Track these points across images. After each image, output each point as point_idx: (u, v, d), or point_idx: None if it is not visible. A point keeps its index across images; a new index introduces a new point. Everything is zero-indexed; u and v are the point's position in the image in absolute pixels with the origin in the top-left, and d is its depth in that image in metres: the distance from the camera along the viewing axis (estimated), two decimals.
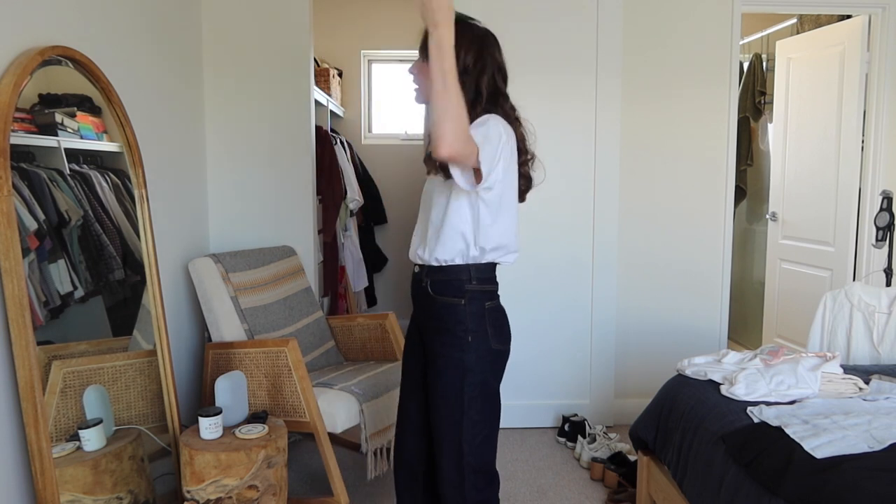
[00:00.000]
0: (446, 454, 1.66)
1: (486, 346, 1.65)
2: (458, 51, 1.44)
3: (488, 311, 1.67)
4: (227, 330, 2.48)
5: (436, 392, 1.67)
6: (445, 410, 1.65)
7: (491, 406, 1.70)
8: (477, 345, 1.63)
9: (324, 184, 3.59)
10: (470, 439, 1.64)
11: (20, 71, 1.58)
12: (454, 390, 1.63)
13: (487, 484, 1.72)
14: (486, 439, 1.68)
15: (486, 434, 1.68)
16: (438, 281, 1.67)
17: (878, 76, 3.32)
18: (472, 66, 1.56)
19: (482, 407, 1.66)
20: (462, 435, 1.64)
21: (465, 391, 1.63)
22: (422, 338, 1.75)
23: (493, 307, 1.69)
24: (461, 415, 1.63)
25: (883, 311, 2.44)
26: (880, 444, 1.57)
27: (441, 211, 1.63)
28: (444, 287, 1.66)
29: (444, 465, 1.67)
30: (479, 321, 1.65)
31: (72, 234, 1.82)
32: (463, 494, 1.66)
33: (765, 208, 4.27)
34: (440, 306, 1.66)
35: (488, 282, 1.68)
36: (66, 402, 1.76)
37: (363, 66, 4.88)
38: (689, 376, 2.16)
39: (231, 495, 1.88)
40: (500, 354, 1.70)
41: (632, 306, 3.26)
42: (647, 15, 3.13)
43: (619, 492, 2.54)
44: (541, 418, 3.24)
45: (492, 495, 1.75)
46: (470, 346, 1.63)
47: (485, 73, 1.58)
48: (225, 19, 2.96)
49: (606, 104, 3.08)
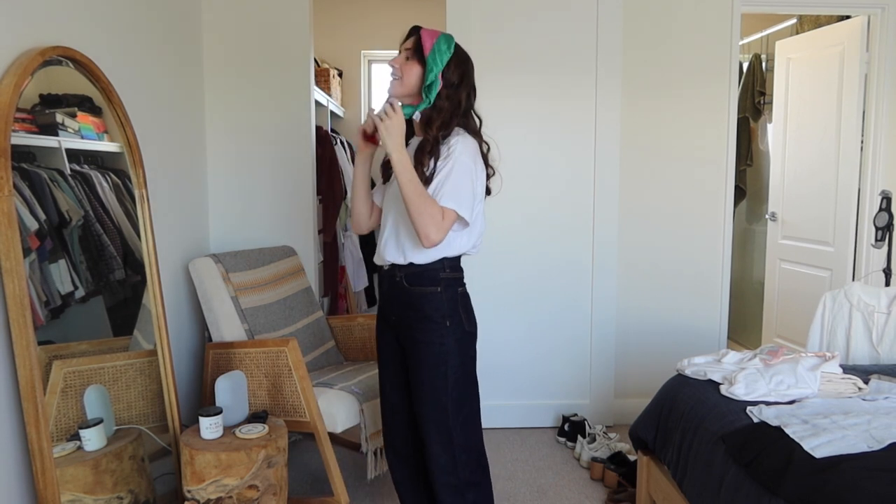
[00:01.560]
0: (435, 438, 1.76)
1: (461, 329, 1.78)
2: (447, 68, 1.72)
3: (460, 296, 1.80)
4: (227, 330, 2.49)
5: (420, 379, 1.76)
6: (431, 395, 1.75)
7: (471, 386, 1.82)
8: (454, 329, 1.76)
9: (324, 184, 3.59)
10: (455, 420, 1.75)
11: (21, 71, 1.58)
12: (439, 374, 1.74)
13: (478, 466, 1.83)
14: (470, 418, 1.80)
15: (469, 412, 1.80)
16: (413, 273, 1.77)
17: (877, 76, 3.32)
18: (457, 83, 1.75)
19: (464, 388, 1.78)
20: (449, 418, 1.75)
21: (448, 374, 1.74)
22: (396, 332, 1.84)
23: (463, 292, 1.82)
24: (446, 397, 1.74)
25: (882, 311, 2.44)
26: (880, 443, 1.57)
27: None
28: (419, 278, 1.77)
29: (434, 451, 1.76)
30: (454, 306, 1.77)
31: (72, 234, 1.82)
32: (457, 475, 1.77)
33: (764, 208, 4.27)
34: (417, 296, 1.76)
35: (458, 269, 1.82)
36: (67, 402, 1.76)
37: (363, 66, 4.88)
38: (689, 376, 2.16)
39: (231, 495, 1.88)
40: (473, 336, 1.83)
41: (632, 306, 3.27)
42: (646, 15, 3.13)
43: (619, 492, 2.54)
44: (541, 418, 3.24)
45: (483, 480, 1.82)
46: (448, 330, 1.74)
47: (464, 89, 1.77)
48: (225, 19, 2.97)
49: (606, 104, 3.08)
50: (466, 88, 1.77)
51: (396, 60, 1.76)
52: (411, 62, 1.73)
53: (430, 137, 1.71)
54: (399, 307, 1.81)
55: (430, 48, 1.71)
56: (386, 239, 1.81)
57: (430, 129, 1.72)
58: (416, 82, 1.74)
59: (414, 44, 1.73)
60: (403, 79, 1.74)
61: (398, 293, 1.80)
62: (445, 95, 1.72)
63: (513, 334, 3.21)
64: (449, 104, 1.73)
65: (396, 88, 1.76)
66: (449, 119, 1.73)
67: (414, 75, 1.73)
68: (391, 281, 1.81)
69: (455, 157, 1.69)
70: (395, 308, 1.83)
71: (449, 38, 1.76)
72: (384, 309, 1.88)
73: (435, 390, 1.74)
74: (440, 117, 1.72)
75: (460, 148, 1.70)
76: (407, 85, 1.75)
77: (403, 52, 1.76)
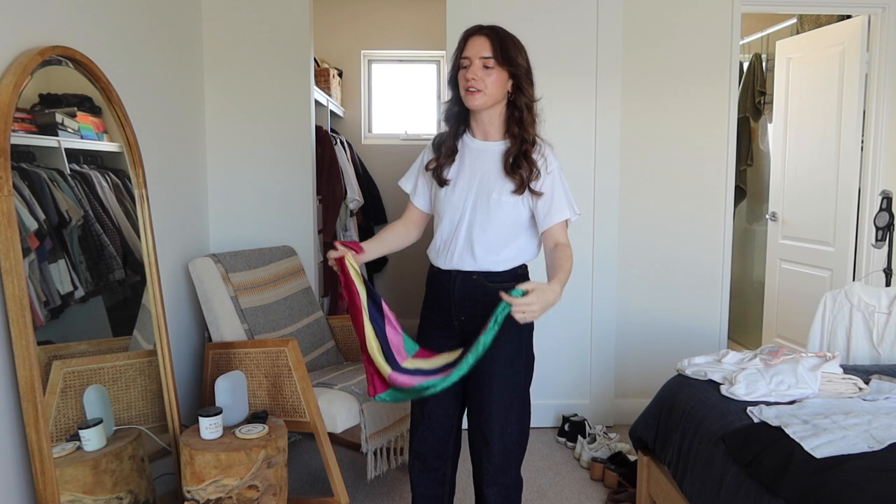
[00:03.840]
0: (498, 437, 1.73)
1: (529, 327, 1.76)
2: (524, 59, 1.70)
3: None
4: (227, 330, 2.48)
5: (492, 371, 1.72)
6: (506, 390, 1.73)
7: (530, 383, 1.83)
8: (526, 326, 1.73)
9: (324, 184, 3.59)
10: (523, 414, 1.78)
11: (20, 71, 1.58)
12: (515, 368, 1.74)
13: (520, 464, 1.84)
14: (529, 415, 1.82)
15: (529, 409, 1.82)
16: (492, 276, 1.74)
17: (877, 76, 3.32)
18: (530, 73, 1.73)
19: (529, 384, 1.81)
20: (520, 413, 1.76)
21: (522, 369, 1.76)
22: (463, 334, 1.77)
23: None
24: (522, 390, 1.76)
25: (883, 311, 2.44)
26: (880, 444, 1.57)
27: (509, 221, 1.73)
28: (499, 275, 1.74)
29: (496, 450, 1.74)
30: None
31: (72, 234, 1.82)
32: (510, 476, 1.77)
33: (765, 208, 4.27)
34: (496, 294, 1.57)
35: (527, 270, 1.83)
36: (67, 402, 1.76)
37: (363, 66, 4.88)
38: (689, 376, 2.16)
39: (231, 495, 1.88)
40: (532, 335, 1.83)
41: (632, 306, 3.26)
42: (647, 15, 3.13)
43: (619, 492, 2.54)
44: (541, 418, 3.24)
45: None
46: (523, 327, 1.69)
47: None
48: (225, 19, 2.96)
49: (606, 104, 3.08)
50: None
51: (472, 73, 1.64)
52: (495, 70, 1.64)
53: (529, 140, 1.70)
54: (473, 307, 1.74)
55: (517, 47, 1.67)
56: (461, 249, 1.74)
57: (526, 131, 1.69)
58: (502, 90, 1.67)
59: (494, 50, 1.63)
60: (489, 90, 1.65)
61: (478, 294, 1.73)
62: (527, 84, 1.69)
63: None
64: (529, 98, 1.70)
65: (475, 100, 1.66)
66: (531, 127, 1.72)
67: (501, 83, 1.66)
68: (466, 282, 1.74)
69: (552, 163, 1.72)
70: (469, 309, 1.75)
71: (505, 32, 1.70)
72: (450, 311, 1.79)
73: (508, 385, 1.73)
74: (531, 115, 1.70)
75: (550, 154, 1.73)
76: (493, 95, 1.66)
77: (478, 61, 1.64)
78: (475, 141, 1.76)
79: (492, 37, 1.64)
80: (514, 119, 1.70)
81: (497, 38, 1.64)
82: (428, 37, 4.79)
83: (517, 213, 1.71)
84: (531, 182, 1.68)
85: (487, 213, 1.70)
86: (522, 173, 1.67)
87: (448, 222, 1.77)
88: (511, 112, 1.71)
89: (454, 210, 1.75)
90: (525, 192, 1.69)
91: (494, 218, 1.70)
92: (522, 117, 1.69)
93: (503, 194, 1.69)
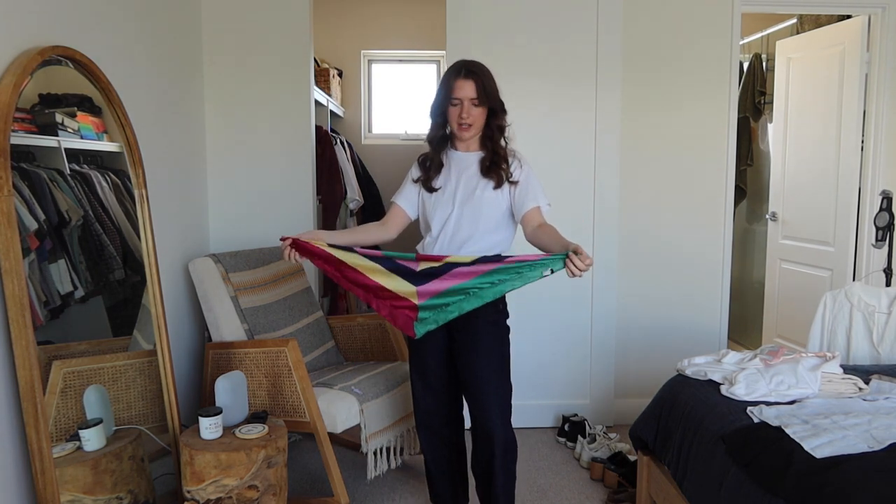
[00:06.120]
0: (494, 400, 2.03)
1: (506, 313, 2.11)
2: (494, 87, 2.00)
3: None
4: (227, 330, 2.48)
5: (483, 346, 2.02)
6: (495, 359, 2.04)
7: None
8: (505, 311, 2.10)
9: (324, 184, 3.59)
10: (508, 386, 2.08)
11: (20, 71, 1.58)
12: (503, 342, 2.08)
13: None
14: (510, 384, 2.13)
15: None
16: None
17: (877, 76, 3.32)
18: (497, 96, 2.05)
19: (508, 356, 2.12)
20: (507, 379, 2.07)
21: (505, 342, 2.09)
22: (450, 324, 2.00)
23: None
24: (506, 360, 2.08)
25: (883, 311, 2.44)
26: (880, 444, 1.57)
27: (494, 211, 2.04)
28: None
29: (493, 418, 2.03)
30: None
31: (72, 234, 1.82)
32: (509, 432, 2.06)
33: (765, 208, 4.27)
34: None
35: None
36: (67, 402, 1.76)
37: (363, 66, 4.88)
38: (689, 376, 2.16)
39: (231, 495, 1.88)
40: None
41: (632, 306, 3.26)
42: (646, 15, 3.13)
43: (619, 492, 2.54)
44: (541, 418, 3.24)
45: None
46: (503, 312, 2.09)
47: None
48: (225, 19, 2.96)
49: (606, 104, 3.08)
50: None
51: (465, 112, 1.96)
52: (479, 108, 1.97)
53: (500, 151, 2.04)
54: None
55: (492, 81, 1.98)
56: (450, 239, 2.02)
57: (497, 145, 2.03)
58: (483, 119, 2.01)
59: (479, 92, 1.95)
60: (476, 123, 1.99)
61: None
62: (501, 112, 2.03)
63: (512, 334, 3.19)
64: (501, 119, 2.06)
65: (467, 133, 2.01)
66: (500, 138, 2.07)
67: (483, 115, 2.00)
68: None
69: (524, 162, 2.06)
70: None
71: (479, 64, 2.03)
72: None
73: (497, 356, 2.04)
74: (502, 135, 2.05)
75: (521, 157, 2.07)
76: (478, 126, 2.01)
77: (467, 102, 1.95)
78: (458, 153, 2.09)
79: (476, 81, 1.95)
80: (489, 136, 2.04)
81: (480, 81, 1.96)
82: (428, 37, 4.78)
83: (498, 204, 2.02)
84: (507, 177, 2.01)
85: (473, 207, 2.01)
86: (499, 171, 2.01)
87: (439, 219, 2.05)
88: (486, 131, 2.04)
89: (445, 207, 2.04)
90: (504, 186, 2.01)
91: (478, 211, 2.01)
92: (495, 136, 2.04)
93: (486, 190, 2.01)
